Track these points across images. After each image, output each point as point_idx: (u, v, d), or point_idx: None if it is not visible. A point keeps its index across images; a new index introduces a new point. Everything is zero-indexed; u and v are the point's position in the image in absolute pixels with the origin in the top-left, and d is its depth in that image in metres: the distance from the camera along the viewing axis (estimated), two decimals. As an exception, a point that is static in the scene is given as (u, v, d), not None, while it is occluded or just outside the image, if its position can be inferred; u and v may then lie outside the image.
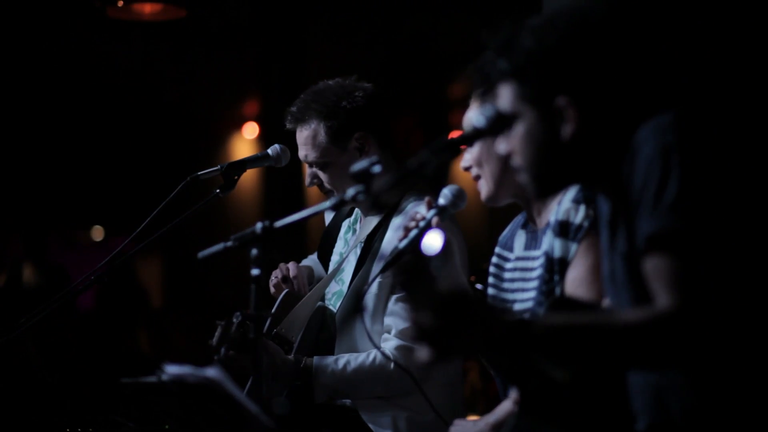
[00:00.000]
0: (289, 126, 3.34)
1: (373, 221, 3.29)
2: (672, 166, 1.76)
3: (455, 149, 2.08)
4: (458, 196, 2.82)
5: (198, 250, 2.71)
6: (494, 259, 2.89)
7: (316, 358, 3.15)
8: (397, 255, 2.78)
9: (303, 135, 3.30)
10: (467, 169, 2.83)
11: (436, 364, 1.73)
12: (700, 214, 1.74)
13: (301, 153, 3.32)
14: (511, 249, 2.85)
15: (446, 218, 2.81)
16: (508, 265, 2.84)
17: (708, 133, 1.82)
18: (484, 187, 2.80)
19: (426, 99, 8.42)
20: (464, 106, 2.78)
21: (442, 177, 6.84)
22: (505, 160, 2.74)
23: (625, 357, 1.76)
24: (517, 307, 2.77)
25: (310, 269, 3.52)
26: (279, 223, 2.73)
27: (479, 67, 2.00)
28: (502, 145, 2.00)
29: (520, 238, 2.83)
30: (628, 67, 1.91)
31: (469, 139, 2.10)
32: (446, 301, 1.73)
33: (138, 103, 7.98)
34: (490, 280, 2.89)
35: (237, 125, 8.72)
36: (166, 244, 7.62)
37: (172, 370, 2.30)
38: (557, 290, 2.64)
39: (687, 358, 1.74)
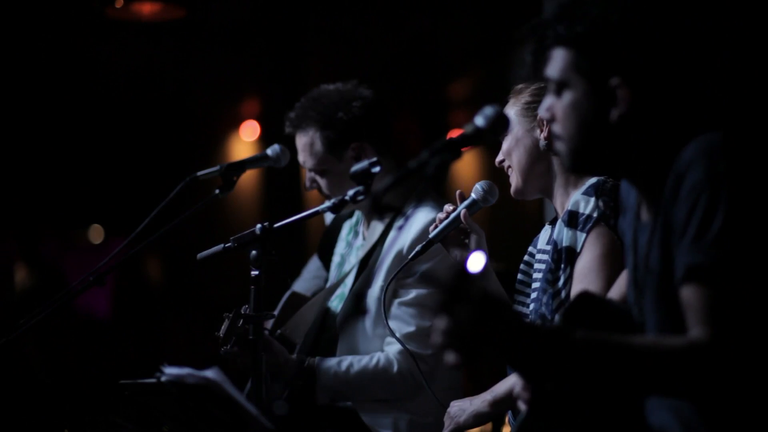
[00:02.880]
0: (288, 131, 3.38)
1: (378, 227, 3.29)
2: (720, 196, 1.73)
3: (456, 150, 2.06)
4: (489, 191, 2.85)
5: (196, 250, 2.71)
6: (525, 257, 2.92)
7: (318, 359, 3.15)
8: (427, 244, 2.80)
9: (301, 141, 3.34)
10: (501, 162, 2.86)
11: (462, 367, 1.72)
12: (745, 250, 1.71)
13: (300, 158, 3.36)
14: (536, 245, 2.88)
15: (475, 212, 2.82)
16: (534, 260, 2.87)
17: (759, 161, 1.78)
18: (513, 180, 2.84)
19: (426, 99, 8.42)
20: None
21: (443, 178, 6.83)
22: (532, 153, 2.79)
23: (656, 382, 1.74)
24: (532, 296, 2.80)
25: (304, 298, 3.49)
26: (278, 224, 2.74)
27: (535, 28, 1.93)
28: (543, 107, 1.94)
29: (545, 233, 2.87)
30: (694, 61, 1.86)
31: (470, 139, 2.07)
32: (483, 307, 1.68)
33: (137, 103, 7.96)
34: (518, 276, 2.91)
35: (236, 125, 8.71)
36: (164, 244, 7.61)
37: (171, 371, 2.30)
38: (562, 278, 2.66)
39: (714, 390, 1.72)
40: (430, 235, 2.81)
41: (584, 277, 2.61)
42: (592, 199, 2.65)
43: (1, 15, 6.69)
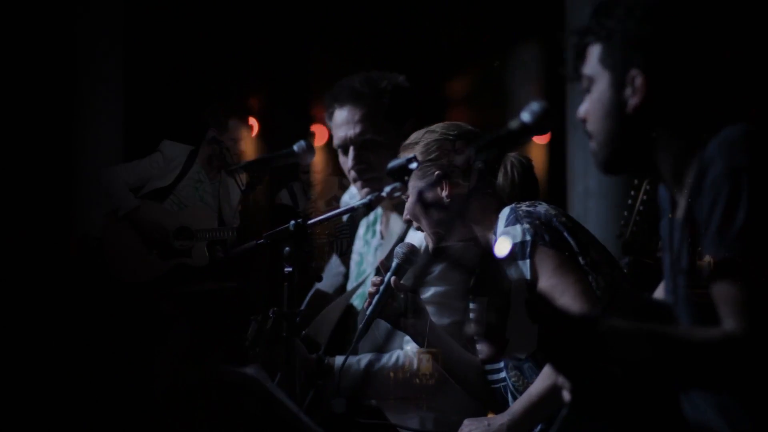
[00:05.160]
0: (338, 104, 3.28)
1: (397, 226, 3.27)
2: (741, 190, 1.74)
3: (501, 147, 2.06)
4: (410, 252, 2.78)
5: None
6: None
7: (337, 358, 3.12)
8: (367, 323, 2.73)
9: (359, 112, 3.27)
10: (409, 220, 2.83)
11: (498, 358, 1.73)
12: None
13: (354, 131, 3.27)
14: None
15: (404, 275, 2.76)
16: None
17: None
18: (426, 236, 2.82)
19: (426, 98, 8.41)
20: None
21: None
22: (434, 214, 2.76)
23: (685, 371, 1.75)
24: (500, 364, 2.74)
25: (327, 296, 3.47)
26: (312, 221, 2.72)
27: (576, 29, 2.01)
28: (581, 107, 2.00)
29: None
30: (708, 58, 1.90)
31: (516, 135, 2.06)
32: (514, 295, 1.71)
33: (138, 98, 7.93)
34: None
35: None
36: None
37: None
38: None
39: (746, 380, 1.74)
40: (368, 312, 2.74)
41: (551, 294, 2.57)
42: (518, 226, 2.61)
43: (7, 7, 6.67)
